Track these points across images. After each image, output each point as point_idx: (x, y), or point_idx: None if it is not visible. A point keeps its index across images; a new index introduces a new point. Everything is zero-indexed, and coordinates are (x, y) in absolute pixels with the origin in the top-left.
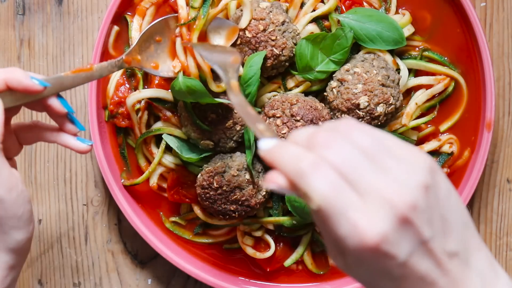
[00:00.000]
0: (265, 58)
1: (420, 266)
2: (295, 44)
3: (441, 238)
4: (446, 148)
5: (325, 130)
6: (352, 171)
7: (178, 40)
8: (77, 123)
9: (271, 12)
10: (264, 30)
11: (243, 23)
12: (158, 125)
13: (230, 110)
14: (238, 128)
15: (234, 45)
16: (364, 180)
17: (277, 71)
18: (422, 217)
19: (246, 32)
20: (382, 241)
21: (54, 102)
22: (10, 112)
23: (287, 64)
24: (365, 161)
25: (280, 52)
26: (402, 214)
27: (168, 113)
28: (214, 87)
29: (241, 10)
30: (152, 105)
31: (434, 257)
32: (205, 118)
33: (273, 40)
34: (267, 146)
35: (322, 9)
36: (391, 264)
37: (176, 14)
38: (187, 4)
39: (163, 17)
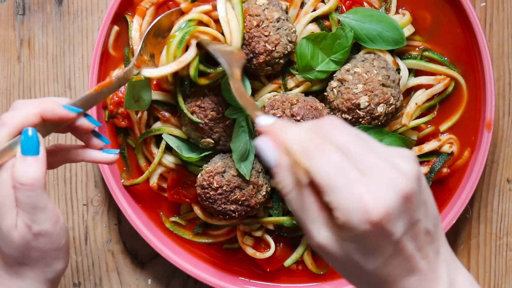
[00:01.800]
0: (258, 54)
1: (408, 246)
2: (290, 42)
3: (424, 219)
4: (446, 148)
5: (323, 123)
6: (354, 152)
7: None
8: (103, 137)
9: (266, 9)
10: (258, 25)
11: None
12: (158, 125)
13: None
14: None
15: None
16: (366, 160)
17: (273, 69)
18: (416, 200)
19: None
20: (385, 217)
21: (83, 122)
22: None
23: (281, 61)
24: (364, 145)
25: (273, 48)
26: (406, 193)
27: (167, 114)
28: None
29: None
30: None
31: (419, 238)
32: (205, 116)
33: (266, 36)
34: (268, 121)
35: (322, 9)
36: (385, 242)
37: (177, 8)
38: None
39: (166, 12)
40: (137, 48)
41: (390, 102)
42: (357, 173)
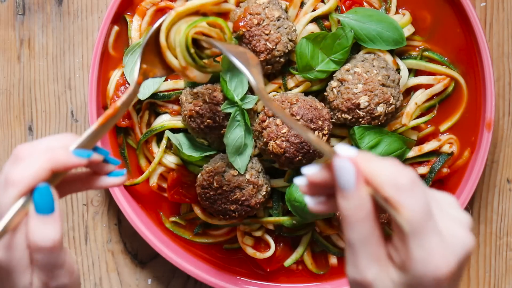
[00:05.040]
0: (259, 52)
1: None
2: (290, 40)
3: None
4: (446, 148)
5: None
6: (435, 207)
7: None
8: (112, 160)
9: (267, 7)
10: (258, 24)
11: None
12: (160, 120)
13: (226, 119)
14: None
15: None
16: (441, 219)
17: (273, 68)
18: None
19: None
20: (450, 277)
21: (95, 157)
22: None
23: (282, 60)
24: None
25: (274, 47)
26: (464, 261)
27: (176, 107)
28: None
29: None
30: (155, 103)
31: None
32: (202, 122)
33: (266, 34)
34: (351, 152)
35: (322, 8)
36: None
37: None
38: None
39: (156, 24)
40: (136, 67)
41: (390, 102)
42: (435, 225)
